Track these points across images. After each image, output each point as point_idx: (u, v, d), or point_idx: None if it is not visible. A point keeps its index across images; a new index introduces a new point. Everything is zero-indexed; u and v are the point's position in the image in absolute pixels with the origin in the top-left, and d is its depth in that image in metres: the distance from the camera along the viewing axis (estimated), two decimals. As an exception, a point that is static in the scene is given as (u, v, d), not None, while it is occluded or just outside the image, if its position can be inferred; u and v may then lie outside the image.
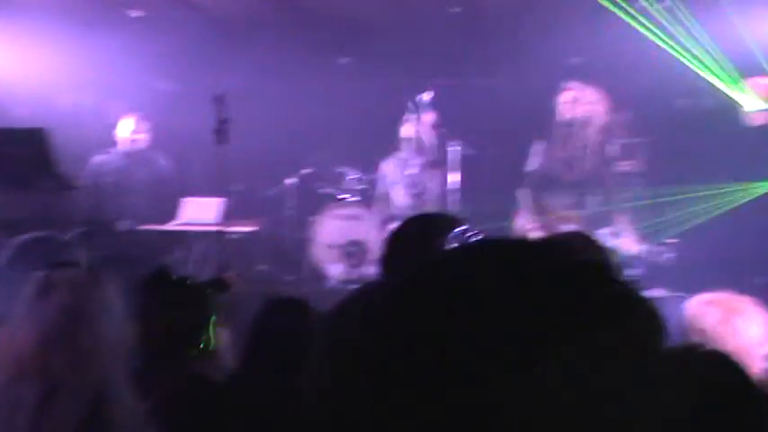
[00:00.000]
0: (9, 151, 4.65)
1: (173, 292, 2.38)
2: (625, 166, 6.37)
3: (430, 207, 6.04)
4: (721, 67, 5.33)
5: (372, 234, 6.59)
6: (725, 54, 5.08)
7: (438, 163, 6.30)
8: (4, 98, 6.68)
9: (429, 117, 6.21)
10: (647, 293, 2.65)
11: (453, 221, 2.24)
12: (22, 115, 6.93)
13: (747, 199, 5.44)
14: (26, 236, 2.40)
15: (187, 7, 6.06)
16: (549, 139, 5.44)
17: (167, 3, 5.91)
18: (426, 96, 6.37)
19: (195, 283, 2.49)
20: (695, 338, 2.17)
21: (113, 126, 6.94)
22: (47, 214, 4.79)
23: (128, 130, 5.75)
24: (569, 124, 5.28)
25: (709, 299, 2.23)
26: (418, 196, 6.26)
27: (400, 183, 6.38)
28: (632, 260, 5.73)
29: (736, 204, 5.47)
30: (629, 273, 6.12)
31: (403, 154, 6.38)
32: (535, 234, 5.61)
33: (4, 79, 6.47)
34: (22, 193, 4.94)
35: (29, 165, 4.70)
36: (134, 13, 6.14)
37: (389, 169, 6.49)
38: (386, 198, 6.51)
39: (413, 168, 6.27)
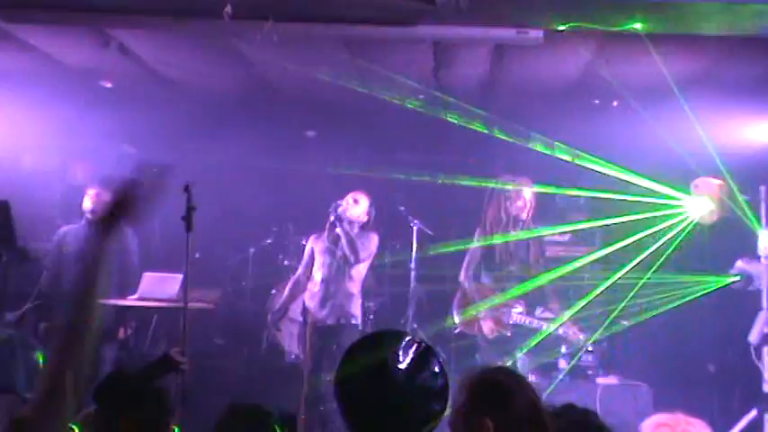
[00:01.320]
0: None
1: (129, 396, 2.40)
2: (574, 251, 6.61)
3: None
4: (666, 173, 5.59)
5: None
6: (671, 157, 5.34)
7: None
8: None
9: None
10: (601, 381, 2.73)
11: (400, 336, 2.30)
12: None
13: (701, 293, 5.62)
14: None
15: (156, 81, 6.16)
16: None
17: (139, 76, 5.99)
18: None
19: (152, 385, 2.52)
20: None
21: (78, 189, 6.97)
22: (6, 286, 4.77)
23: (91, 201, 5.76)
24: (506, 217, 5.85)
25: (663, 421, 2.33)
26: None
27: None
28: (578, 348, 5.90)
29: (692, 297, 5.65)
30: (582, 360, 6.29)
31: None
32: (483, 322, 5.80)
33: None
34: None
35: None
36: (106, 84, 6.21)
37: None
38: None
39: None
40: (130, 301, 5.57)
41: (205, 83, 6.27)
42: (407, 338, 2.11)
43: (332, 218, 5.70)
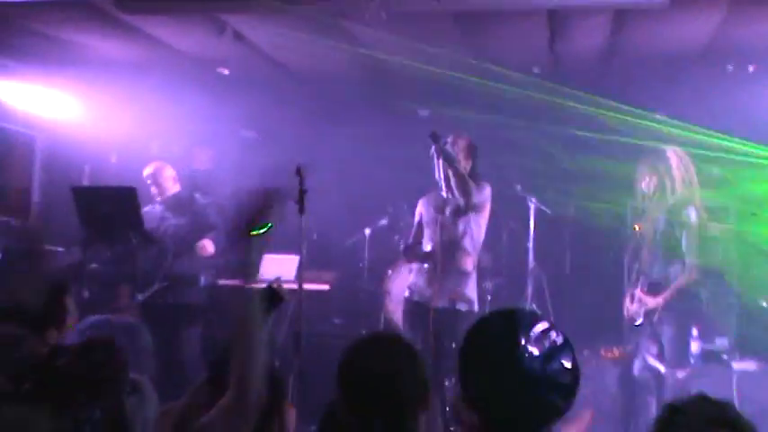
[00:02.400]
0: (103, 207, 4.92)
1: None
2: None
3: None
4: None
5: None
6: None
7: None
8: (100, 146, 7.06)
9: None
10: (737, 366, 2.48)
11: (535, 318, 2.20)
12: (117, 163, 7.32)
13: None
14: (92, 318, 2.53)
15: (270, 66, 6.26)
16: None
17: (254, 62, 6.11)
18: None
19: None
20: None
21: (204, 173, 7.23)
22: (136, 269, 5.01)
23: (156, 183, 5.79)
24: None
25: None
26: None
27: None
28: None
29: None
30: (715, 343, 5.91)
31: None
32: None
33: (101, 130, 6.82)
34: (111, 248, 5.20)
35: (119, 221, 4.94)
36: (224, 71, 6.38)
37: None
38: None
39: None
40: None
41: (317, 66, 6.32)
42: (543, 324, 2.00)
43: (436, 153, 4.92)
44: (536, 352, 2.09)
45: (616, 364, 5.80)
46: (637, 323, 5.21)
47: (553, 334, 2.18)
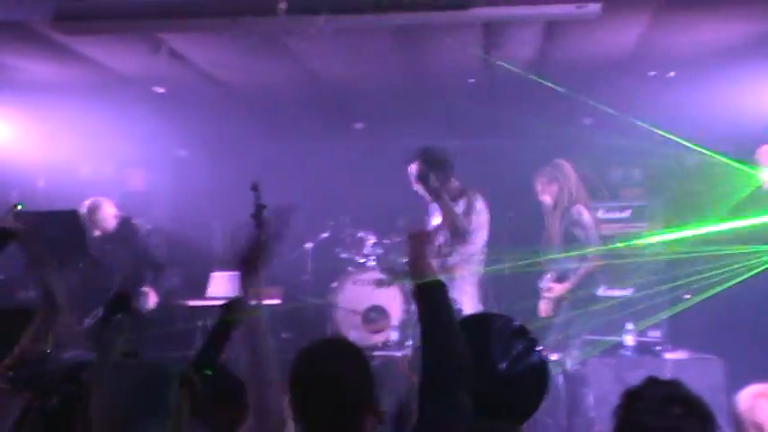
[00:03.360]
0: (48, 233, 4.77)
1: (235, 390, 2.43)
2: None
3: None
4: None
5: (393, 299, 6.67)
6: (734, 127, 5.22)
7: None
8: (28, 170, 6.85)
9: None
10: (670, 356, 2.68)
11: (506, 321, 2.31)
12: (47, 187, 7.11)
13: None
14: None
15: (207, 84, 6.22)
16: None
17: (190, 80, 6.06)
18: None
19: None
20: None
21: (136, 195, 7.09)
22: (82, 293, 4.89)
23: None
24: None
25: (761, 391, 2.29)
26: None
27: None
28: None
29: (760, 269, 5.52)
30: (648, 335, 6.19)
31: None
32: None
33: (29, 153, 6.63)
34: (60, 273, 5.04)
35: (65, 246, 4.81)
36: (159, 90, 6.30)
37: None
38: None
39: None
40: (200, 301, 5.66)
41: (255, 82, 6.32)
42: (513, 327, 2.11)
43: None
44: (506, 354, 2.20)
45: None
46: (551, 317, 5.64)
47: (523, 337, 2.30)
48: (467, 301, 5.27)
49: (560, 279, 5.73)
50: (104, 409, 1.93)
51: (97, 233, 5.47)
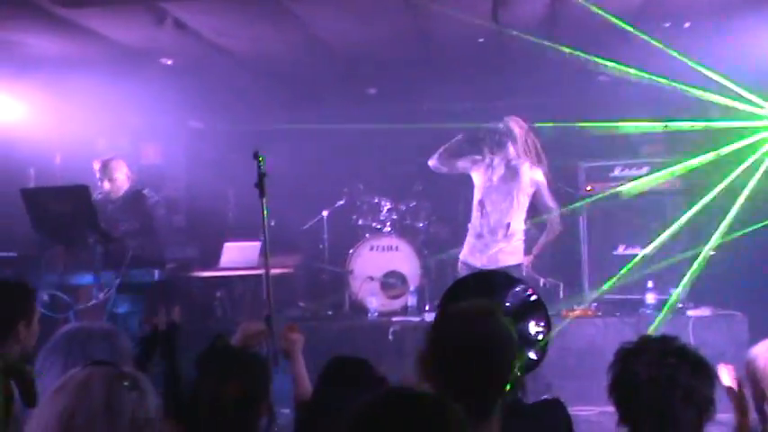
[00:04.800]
0: (55, 208, 4.81)
1: (234, 363, 2.41)
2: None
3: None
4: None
5: (410, 264, 6.65)
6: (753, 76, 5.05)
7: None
8: (44, 147, 6.89)
9: None
10: (692, 313, 2.65)
11: (509, 279, 2.31)
12: (62, 163, 7.16)
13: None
14: (67, 327, 2.49)
15: (214, 53, 6.18)
16: None
17: (197, 50, 6.02)
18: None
19: (255, 353, 2.53)
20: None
21: (150, 168, 7.11)
22: (92, 268, 4.93)
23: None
24: None
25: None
26: None
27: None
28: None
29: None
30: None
31: None
32: None
33: (44, 130, 6.66)
34: (68, 248, 5.10)
35: (73, 220, 4.85)
36: (167, 62, 6.27)
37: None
38: None
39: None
40: (214, 271, 5.68)
41: (263, 50, 6.27)
42: (517, 284, 2.08)
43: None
44: (508, 310, 2.18)
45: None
46: None
47: (526, 294, 2.28)
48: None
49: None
50: None
51: (105, 198, 5.44)
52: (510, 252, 5.44)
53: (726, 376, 2.41)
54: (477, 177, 5.58)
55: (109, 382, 1.71)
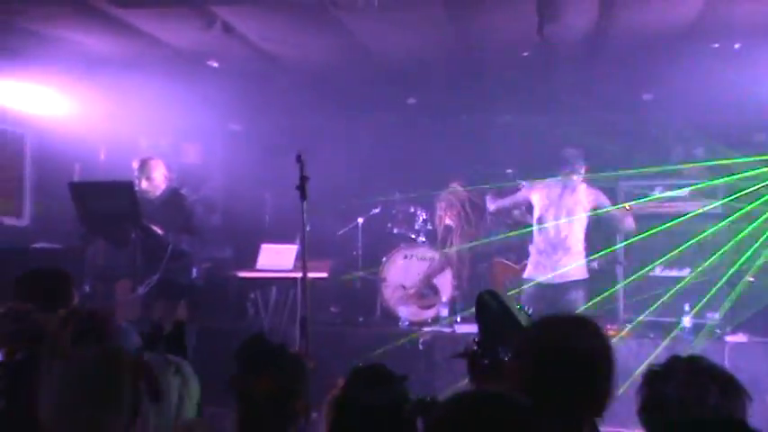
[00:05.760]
0: (101, 202, 4.90)
1: (271, 359, 2.42)
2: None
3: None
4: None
5: (444, 275, 6.64)
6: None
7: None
8: (90, 143, 7.03)
9: None
10: (730, 339, 2.64)
11: None
12: (106, 160, 7.29)
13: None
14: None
15: (260, 58, 6.25)
16: None
17: (243, 54, 6.10)
18: None
19: (291, 350, 2.53)
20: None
21: (191, 167, 7.20)
22: (134, 263, 5.00)
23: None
24: None
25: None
26: None
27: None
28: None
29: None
30: (707, 318, 6.01)
31: None
32: None
33: (90, 127, 6.80)
34: (111, 243, 5.19)
35: (117, 215, 4.93)
36: (213, 64, 6.36)
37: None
38: None
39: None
40: (250, 272, 5.73)
41: (307, 56, 6.32)
42: None
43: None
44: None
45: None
46: None
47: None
48: None
49: None
50: (50, 395, 1.90)
51: (145, 189, 5.50)
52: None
53: None
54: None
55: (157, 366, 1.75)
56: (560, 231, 5.73)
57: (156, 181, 5.65)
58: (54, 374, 1.92)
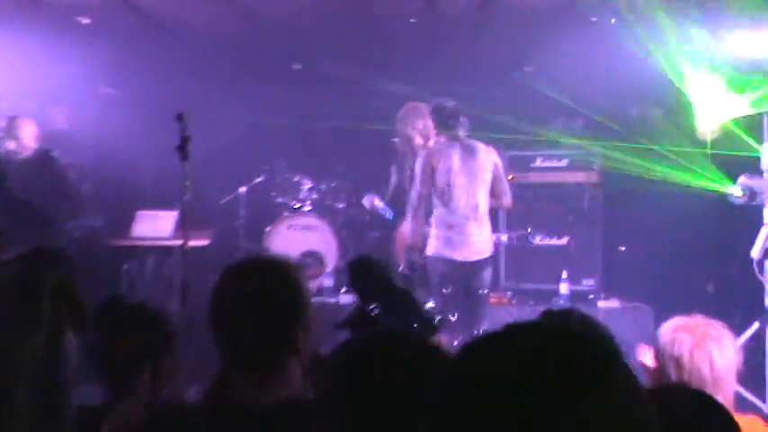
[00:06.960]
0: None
1: (130, 320, 2.28)
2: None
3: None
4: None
5: (329, 245, 6.55)
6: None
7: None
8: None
9: None
10: (602, 304, 2.71)
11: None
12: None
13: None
14: None
15: (135, 16, 5.90)
16: None
17: (116, 11, 5.73)
18: None
19: (151, 308, 2.39)
20: (671, 365, 2.19)
21: (58, 133, 6.74)
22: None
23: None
24: None
25: (682, 324, 2.25)
26: None
27: None
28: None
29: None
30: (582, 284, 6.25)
31: None
32: None
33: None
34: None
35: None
36: (83, 20, 5.94)
37: None
38: None
39: None
40: (126, 241, 5.43)
41: (186, 16, 6.03)
42: None
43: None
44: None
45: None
46: None
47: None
48: None
49: None
50: None
51: (13, 150, 5.08)
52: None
53: (647, 357, 2.43)
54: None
55: None
56: (470, 201, 5.01)
57: (25, 140, 5.24)
58: None
